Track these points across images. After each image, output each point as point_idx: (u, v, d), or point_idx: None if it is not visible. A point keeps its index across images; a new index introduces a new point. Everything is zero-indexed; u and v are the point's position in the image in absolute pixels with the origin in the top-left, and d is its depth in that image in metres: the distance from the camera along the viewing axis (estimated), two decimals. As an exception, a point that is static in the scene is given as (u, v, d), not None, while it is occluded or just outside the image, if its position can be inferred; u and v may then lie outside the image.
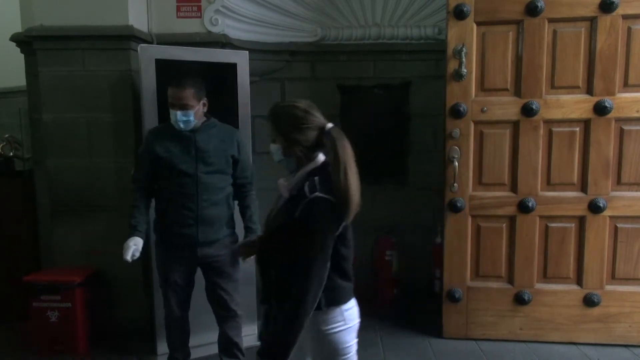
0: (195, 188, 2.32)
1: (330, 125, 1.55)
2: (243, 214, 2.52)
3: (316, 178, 1.50)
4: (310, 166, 1.54)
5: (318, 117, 1.57)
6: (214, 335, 2.56)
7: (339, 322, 1.57)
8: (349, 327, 1.61)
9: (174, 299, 2.43)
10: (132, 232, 2.33)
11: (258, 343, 3.01)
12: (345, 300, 1.60)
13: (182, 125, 2.31)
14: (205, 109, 2.39)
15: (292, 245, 1.50)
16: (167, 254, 2.41)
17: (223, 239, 2.40)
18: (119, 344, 2.98)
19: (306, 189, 1.49)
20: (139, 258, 2.96)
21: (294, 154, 1.57)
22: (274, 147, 1.60)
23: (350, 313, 1.61)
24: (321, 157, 1.55)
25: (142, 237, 2.34)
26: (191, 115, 2.29)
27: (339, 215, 1.49)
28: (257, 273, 1.81)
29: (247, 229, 2.50)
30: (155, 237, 2.46)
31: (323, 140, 1.54)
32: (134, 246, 2.28)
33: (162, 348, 2.67)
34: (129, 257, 2.26)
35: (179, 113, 2.28)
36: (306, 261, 1.46)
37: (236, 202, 2.53)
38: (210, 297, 2.46)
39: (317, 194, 1.47)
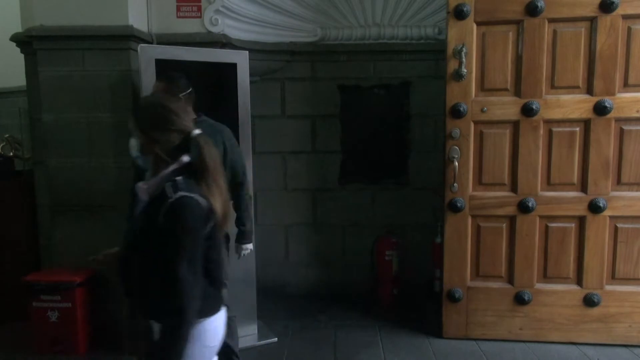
0: None
1: (197, 131, 1.49)
2: (235, 215, 2.51)
3: (179, 178, 1.43)
4: (172, 167, 1.45)
5: (185, 121, 1.50)
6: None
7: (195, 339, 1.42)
8: (209, 349, 1.51)
9: None
10: None
11: (257, 344, 3.04)
12: (213, 312, 1.51)
13: None
14: (188, 106, 2.34)
15: (156, 251, 1.41)
16: None
17: None
18: (119, 344, 2.98)
19: (168, 189, 1.40)
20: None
21: (152, 153, 1.49)
22: (133, 142, 1.50)
23: (215, 332, 1.51)
24: (185, 158, 1.47)
25: None
26: None
27: (207, 214, 1.42)
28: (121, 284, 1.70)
29: (238, 230, 2.51)
30: None
31: (187, 145, 1.48)
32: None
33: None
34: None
35: None
36: (176, 266, 1.36)
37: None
38: None
39: (180, 193, 1.39)
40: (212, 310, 1.51)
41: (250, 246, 2.56)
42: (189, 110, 2.34)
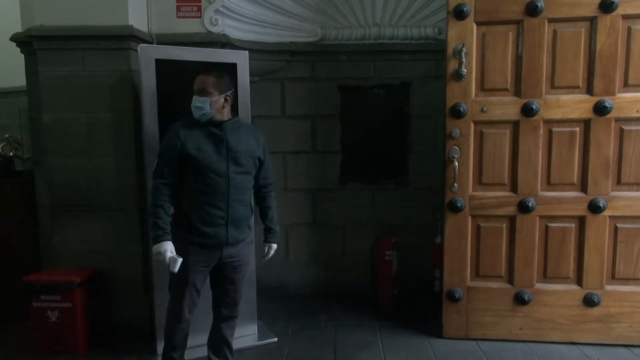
0: (227, 188, 2.26)
1: None
2: (264, 214, 2.52)
3: None
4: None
5: None
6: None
7: None
8: None
9: (188, 302, 2.33)
10: (162, 236, 2.20)
11: (257, 344, 3.04)
12: None
13: (195, 111, 2.24)
14: (228, 106, 2.32)
15: None
16: (191, 255, 2.27)
17: (246, 238, 2.42)
18: (119, 344, 2.98)
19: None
20: (140, 258, 2.94)
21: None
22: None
23: None
24: None
25: (171, 240, 2.23)
26: (206, 102, 2.21)
27: None
28: None
29: (268, 230, 2.52)
30: (177, 237, 2.28)
31: None
32: (175, 260, 2.17)
33: (162, 348, 2.66)
34: (176, 270, 2.17)
35: (195, 97, 2.24)
36: None
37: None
38: (219, 294, 2.41)
39: None
40: None
41: (276, 245, 2.58)
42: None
